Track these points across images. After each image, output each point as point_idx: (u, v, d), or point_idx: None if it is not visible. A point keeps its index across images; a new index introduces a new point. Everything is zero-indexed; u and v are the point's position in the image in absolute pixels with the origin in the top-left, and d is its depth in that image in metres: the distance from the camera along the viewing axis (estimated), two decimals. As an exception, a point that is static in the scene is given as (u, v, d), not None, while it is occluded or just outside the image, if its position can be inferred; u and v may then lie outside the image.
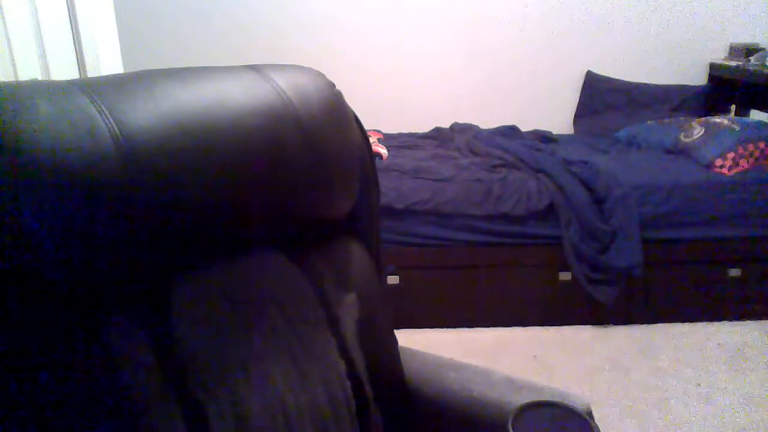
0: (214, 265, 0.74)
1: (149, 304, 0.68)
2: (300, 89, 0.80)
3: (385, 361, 0.95)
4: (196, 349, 0.69)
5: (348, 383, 0.84)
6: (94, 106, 0.62)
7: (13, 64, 1.43)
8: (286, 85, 0.79)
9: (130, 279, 0.65)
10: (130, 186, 0.61)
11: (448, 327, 2.43)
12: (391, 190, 2.32)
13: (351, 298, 0.88)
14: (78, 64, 1.67)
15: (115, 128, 0.61)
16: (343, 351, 0.84)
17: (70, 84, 0.65)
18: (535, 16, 3.26)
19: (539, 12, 3.25)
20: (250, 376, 0.73)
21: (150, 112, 0.65)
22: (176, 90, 0.69)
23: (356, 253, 0.93)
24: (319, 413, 0.79)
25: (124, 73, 0.72)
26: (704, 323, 2.43)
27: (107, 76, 0.70)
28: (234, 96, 0.73)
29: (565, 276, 2.38)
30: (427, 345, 2.32)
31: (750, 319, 2.46)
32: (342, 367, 0.84)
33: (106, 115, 0.62)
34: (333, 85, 0.86)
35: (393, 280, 2.38)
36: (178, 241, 0.67)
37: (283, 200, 0.78)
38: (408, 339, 2.62)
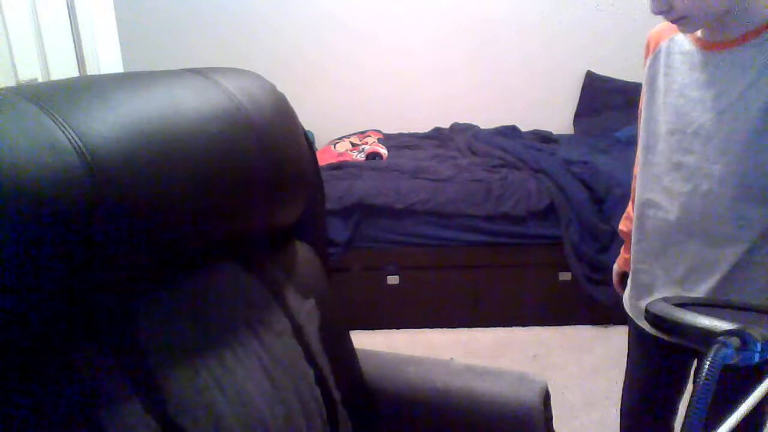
0: (176, 284, 0.72)
1: (117, 331, 0.65)
2: (248, 92, 0.77)
3: (347, 364, 0.95)
4: (171, 374, 0.67)
5: (317, 390, 0.84)
6: (50, 117, 0.55)
7: (13, 64, 1.43)
8: (235, 88, 0.76)
9: (95, 305, 0.62)
10: (99, 204, 0.55)
11: (448, 327, 2.43)
12: (391, 190, 2.32)
13: (310, 304, 0.87)
14: (78, 64, 1.67)
15: (78, 141, 0.55)
16: (310, 359, 0.84)
17: (10, 92, 0.57)
18: (535, 16, 3.26)
19: (539, 12, 3.25)
20: (226, 394, 0.72)
21: (110, 123, 0.59)
22: (129, 97, 0.64)
23: (309, 258, 0.93)
24: (295, 424, 0.79)
25: (64, 80, 0.66)
26: (704, 323, 2.42)
27: (47, 83, 0.64)
28: (188, 102, 0.69)
29: (565, 276, 2.38)
30: (427, 345, 2.31)
31: (750, 319, 2.45)
32: (311, 374, 0.83)
33: (65, 128, 0.55)
34: (276, 88, 0.84)
35: (393, 280, 2.38)
36: (144, 261, 0.63)
37: (242, 208, 0.75)
38: (408, 339, 2.61)
